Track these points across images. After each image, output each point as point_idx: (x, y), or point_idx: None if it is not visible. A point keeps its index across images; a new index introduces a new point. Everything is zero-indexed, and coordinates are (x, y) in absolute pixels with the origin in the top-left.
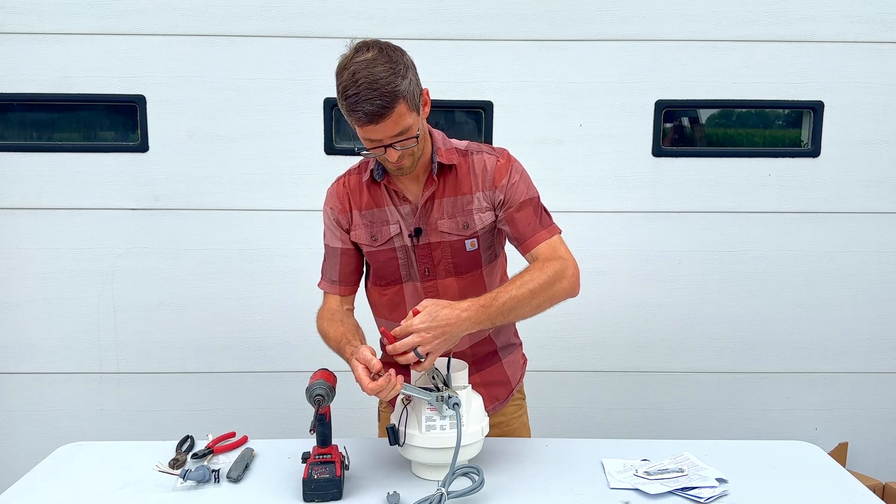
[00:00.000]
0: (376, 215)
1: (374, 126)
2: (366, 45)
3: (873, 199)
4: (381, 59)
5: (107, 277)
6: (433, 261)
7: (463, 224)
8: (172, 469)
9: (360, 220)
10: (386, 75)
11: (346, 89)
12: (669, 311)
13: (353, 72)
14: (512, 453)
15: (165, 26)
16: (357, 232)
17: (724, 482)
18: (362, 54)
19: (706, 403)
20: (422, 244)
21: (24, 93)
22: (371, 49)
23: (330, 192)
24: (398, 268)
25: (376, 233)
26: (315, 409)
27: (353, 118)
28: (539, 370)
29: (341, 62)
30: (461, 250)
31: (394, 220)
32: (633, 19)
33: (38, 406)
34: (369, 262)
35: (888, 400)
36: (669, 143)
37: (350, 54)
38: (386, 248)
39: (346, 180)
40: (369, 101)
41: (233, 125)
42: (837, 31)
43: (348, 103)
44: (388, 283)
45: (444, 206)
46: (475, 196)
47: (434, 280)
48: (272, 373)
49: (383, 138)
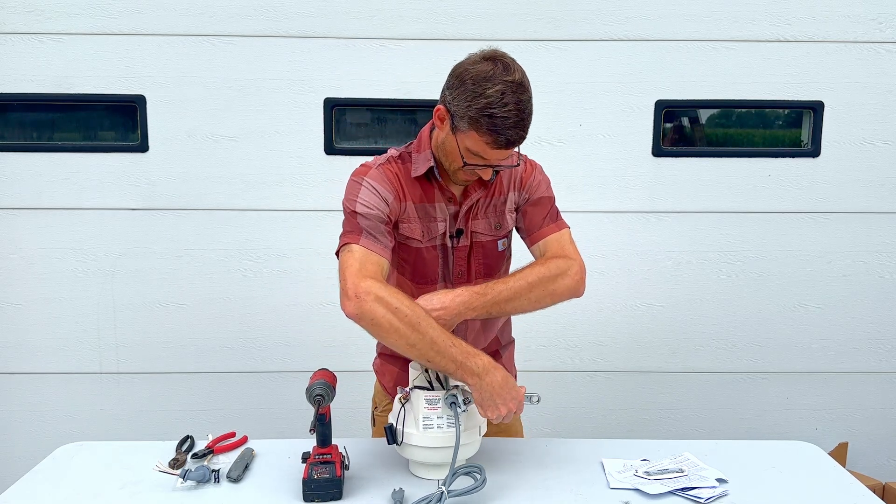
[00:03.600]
0: (427, 211)
1: (503, 151)
2: (504, 62)
3: (873, 199)
4: (526, 86)
5: (107, 277)
6: (468, 262)
7: (496, 224)
8: (172, 469)
9: (414, 212)
10: (530, 109)
11: (491, 106)
12: (669, 311)
13: (501, 91)
14: (512, 453)
15: (165, 26)
16: (411, 225)
17: (724, 482)
18: (510, 74)
19: (706, 403)
20: (461, 246)
21: (24, 93)
22: (514, 70)
23: (374, 173)
24: (438, 267)
25: (426, 229)
26: (315, 409)
27: (489, 139)
28: (539, 370)
29: (481, 70)
30: (493, 251)
31: (442, 218)
32: (633, 19)
33: (38, 406)
34: (411, 259)
35: (888, 400)
36: (669, 143)
37: (494, 67)
38: (431, 246)
39: (396, 168)
40: (514, 131)
41: (233, 125)
42: (837, 31)
43: (492, 122)
44: (425, 283)
45: (480, 208)
46: (508, 196)
47: (465, 281)
48: (272, 373)
49: (495, 160)
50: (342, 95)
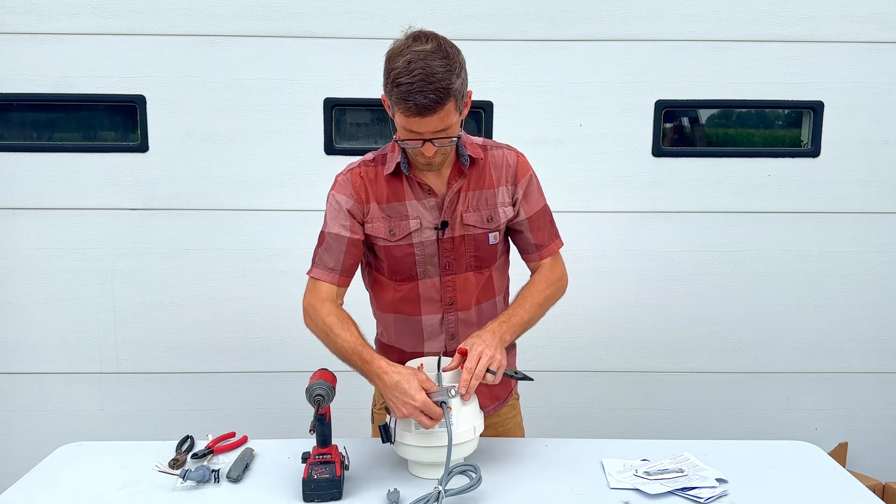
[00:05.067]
0: (395, 209)
1: (421, 119)
2: (424, 35)
3: (873, 199)
4: (439, 53)
5: (107, 277)
6: (455, 255)
7: (487, 217)
8: (172, 469)
9: (378, 212)
10: (442, 71)
11: (398, 76)
12: (669, 311)
13: (408, 60)
14: (512, 453)
15: (165, 26)
16: (375, 225)
17: (724, 482)
18: (420, 44)
19: (706, 403)
20: (446, 238)
21: (24, 93)
22: (430, 41)
23: (341, 180)
24: (415, 264)
25: (395, 227)
26: (315, 410)
27: (402, 107)
28: (538, 370)
29: (395, 47)
30: (484, 243)
31: (414, 215)
32: (633, 19)
33: (38, 406)
34: (383, 258)
35: (888, 400)
36: (669, 143)
37: (406, 42)
38: (404, 244)
39: (363, 171)
40: (422, 94)
41: (233, 125)
42: (837, 31)
43: (399, 91)
44: (404, 280)
45: (469, 200)
46: (498, 190)
47: (454, 275)
48: (272, 373)
49: (425, 132)
50: (342, 95)
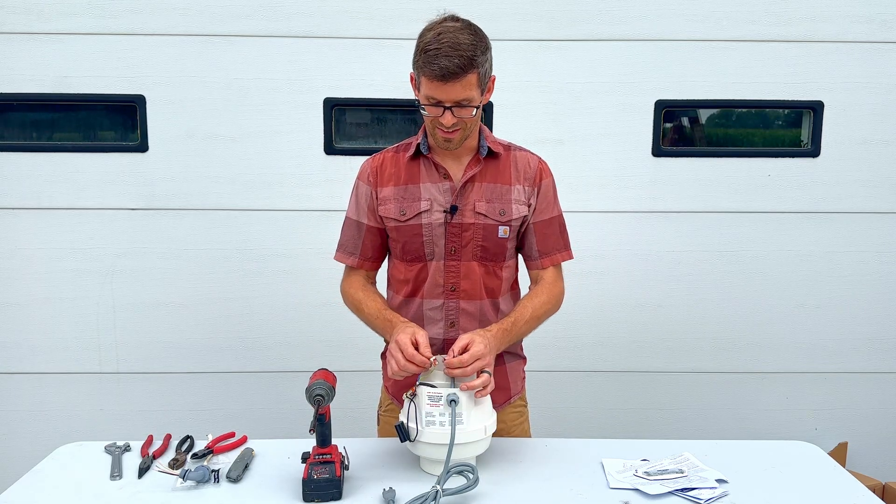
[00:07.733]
0: (410, 191)
1: (444, 84)
2: (455, 17)
3: (873, 199)
4: (468, 30)
5: (106, 277)
6: (462, 241)
7: (500, 210)
8: (172, 469)
9: (392, 194)
10: (469, 43)
11: (427, 45)
12: (669, 311)
13: (438, 32)
14: (511, 453)
15: (165, 26)
16: (387, 206)
17: (724, 482)
18: (451, 22)
19: (706, 403)
20: (454, 222)
21: (24, 93)
22: (461, 21)
23: (364, 166)
24: (422, 245)
25: (406, 208)
26: (315, 409)
27: (426, 71)
28: (539, 370)
29: (427, 26)
30: (493, 235)
31: (426, 197)
32: (633, 19)
33: (37, 406)
34: (395, 238)
35: (888, 400)
36: (669, 143)
37: (438, 20)
38: (413, 224)
39: (382, 156)
40: (448, 58)
41: (233, 125)
42: (837, 31)
43: (426, 56)
44: (413, 259)
45: (483, 190)
46: (514, 188)
47: (458, 261)
48: (272, 373)
49: (446, 100)
50: (342, 95)
